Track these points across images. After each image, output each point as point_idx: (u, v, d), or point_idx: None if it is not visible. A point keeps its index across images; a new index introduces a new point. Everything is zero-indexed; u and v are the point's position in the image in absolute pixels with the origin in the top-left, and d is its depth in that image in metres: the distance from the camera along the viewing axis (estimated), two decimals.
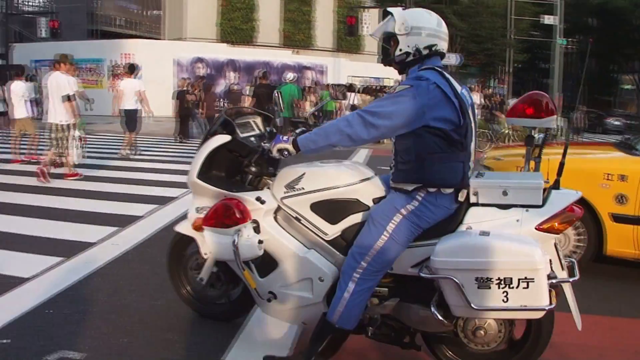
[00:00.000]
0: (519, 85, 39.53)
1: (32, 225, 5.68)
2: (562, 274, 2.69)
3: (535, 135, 3.12)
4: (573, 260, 2.89)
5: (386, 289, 2.87)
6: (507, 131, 16.19)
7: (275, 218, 3.04)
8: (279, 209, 3.03)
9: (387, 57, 2.80)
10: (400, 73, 2.81)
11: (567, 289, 2.74)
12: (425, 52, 2.66)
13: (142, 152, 12.06)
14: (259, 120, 3.38)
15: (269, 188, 3.10)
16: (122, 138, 12.35)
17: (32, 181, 8.04)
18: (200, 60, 25.24)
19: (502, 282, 2.47)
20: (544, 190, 2.72)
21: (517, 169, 4.79)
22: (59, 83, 7.97)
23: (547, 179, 2.79)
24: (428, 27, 2.65)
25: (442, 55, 2.72)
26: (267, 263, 3.00)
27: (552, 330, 2.79)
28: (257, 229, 2.96)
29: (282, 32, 30.88)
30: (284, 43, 30.95)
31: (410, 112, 2.51)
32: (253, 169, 3.10)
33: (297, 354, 2.96)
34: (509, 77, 32.33)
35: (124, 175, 9.08)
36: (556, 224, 2.62)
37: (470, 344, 2.79)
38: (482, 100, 20.53)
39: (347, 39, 31.27)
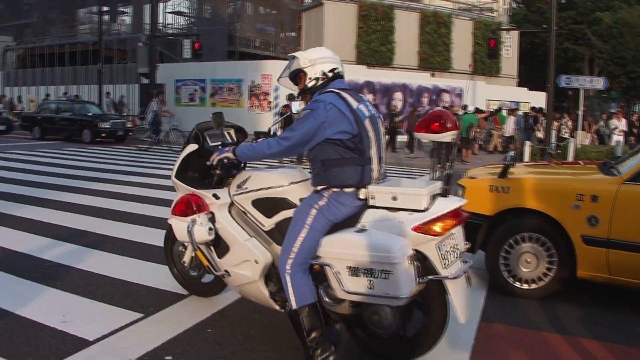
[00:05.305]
0: None
1: None
2: (444, 272, 2.97)
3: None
4: (468, 260, 3.18)
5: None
6: None
7: (230, 211, 3.69)
8: (232, 204, 3.67)
9: (301, 90, 3.36)
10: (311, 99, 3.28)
11: (452, 287, 3.00)
12: (330, 74, 3.23)
13: None
14: (232, 131, 4.03)
15: None
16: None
17: None
18: None
19: (367, 272, 2.86)
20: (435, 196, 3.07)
21: (490, 188, 4.82)
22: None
23: (444, 187, 3.13)
24: (326, 56, 3.25)
25: (341, 77, 3.28)
26: (223, 247, 3.66)
27: (441, 327, 3.09)
28: (212, 219, 3.64)
29: (419, 54, 31.10)
30: (421, 65, 31.12)
31: (313, 129, 3.05)
32: (218, 171, 3.75)
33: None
34: None
35: None
36: (434, 226, 2.93)
37: (372, 326, 3.18)
38: (627, 127, 19.34)
39: (484, 61, 30.71)
